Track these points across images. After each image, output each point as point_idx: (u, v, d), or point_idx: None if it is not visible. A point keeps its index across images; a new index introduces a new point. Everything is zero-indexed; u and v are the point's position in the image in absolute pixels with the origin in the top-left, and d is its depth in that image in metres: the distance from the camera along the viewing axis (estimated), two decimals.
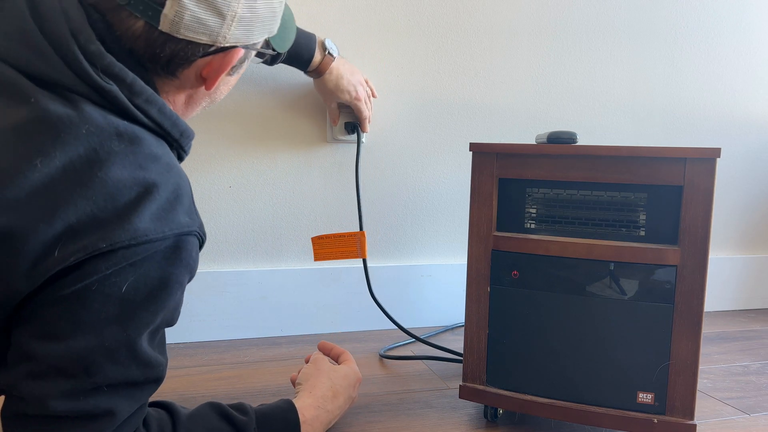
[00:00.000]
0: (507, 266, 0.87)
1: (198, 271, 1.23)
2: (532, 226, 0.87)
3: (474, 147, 0.88)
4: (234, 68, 0.70)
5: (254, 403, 0.95)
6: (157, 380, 0.63)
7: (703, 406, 0.99)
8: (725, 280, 1.58)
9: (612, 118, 1.45)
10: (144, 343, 0.60)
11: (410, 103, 1.32)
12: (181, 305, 0.65)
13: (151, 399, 0.68)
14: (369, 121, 1.25)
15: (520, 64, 1.38)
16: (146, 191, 0.57)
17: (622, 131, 1.46)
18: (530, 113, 1.40)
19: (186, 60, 0.64)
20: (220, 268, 1.25)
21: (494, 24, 1.35)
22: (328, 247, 1.20)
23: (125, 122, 0.60)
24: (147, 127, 0.62)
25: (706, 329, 1.42)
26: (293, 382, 0.88)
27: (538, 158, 0.85)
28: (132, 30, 0.60)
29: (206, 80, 0.67)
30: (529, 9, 1.37)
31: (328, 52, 1.14)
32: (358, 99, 1.19)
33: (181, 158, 0.71)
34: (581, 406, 0.84)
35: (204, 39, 0.62)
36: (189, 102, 0.71)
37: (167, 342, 1.22)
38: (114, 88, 0.59)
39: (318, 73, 1.15)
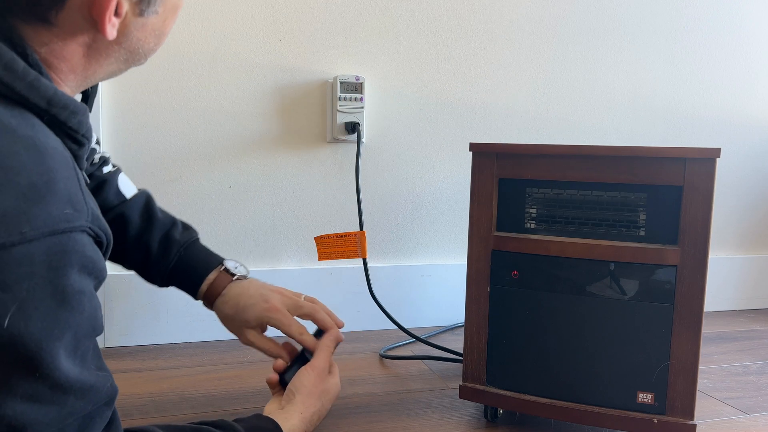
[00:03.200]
0: (507, 266, 0.87)
1: None
2: (532, 226, 0.87)
3: (474, 147, 0.88)
4: (144, 7, 0.55)
5: (254, 403, 0.96)
6: (110, 400, 0.53)
7: (703, 406, 0.99)
8: (725, 280, 1.58)
9: (612, 118, 1.45)
10: (71, 371, 0.48)
11: (410, 103, 1.32)
12: (99, 309, 0.52)
13: (136, 426, 0.62)
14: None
15: (520, 64, 1.38)
16: None
17: (622, 131, 1.46)
18: (530, 113, 1.40)
19: (54, 1, 0.49)
20: None
21: (494, 24, 1.35)
22: (330, 246, 1.20)
23: None
24: None
25: (706, 329, 1.42)
26: (271, 384, 0.80)
27: (538, 158, 0.85)
28: None
29: (98, 23, 0.52)
30: (529, 9, 1.37)
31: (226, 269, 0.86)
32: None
33: (76, 141, 0.54)
34: (581, 406, 0.84)
35: None
36: (90, 55, 0.55)
37: (168, 342, 1.22)
38: None
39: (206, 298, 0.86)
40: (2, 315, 0.43)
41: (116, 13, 0.52)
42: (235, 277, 0.84)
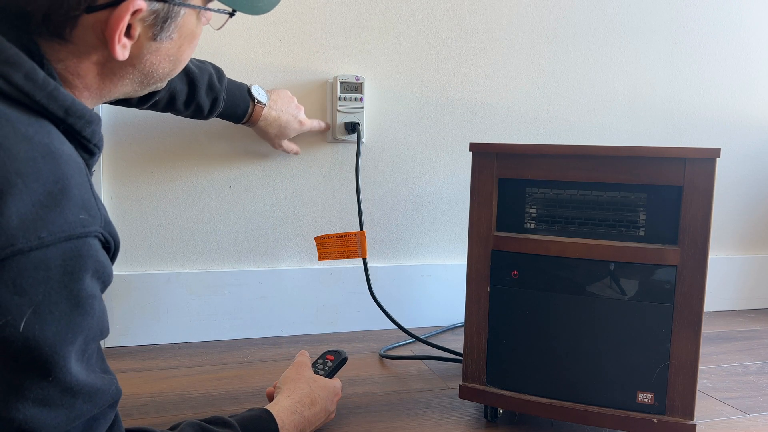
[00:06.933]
0: (507, 266, 0.87)
1: (198, 271, 1.23)
2: (532, 226, 0.87)
3: (474, 147, 0.88)
4: (156, 31, 0.56)
5: (254, 403, 0.96)
6: (113, 403, 0.54)
7: (703, 406, 0.99)
8: (725, 280, 1.58)
9: (612, 118, 1.45)
10: (80, 374, 0.49)
11: (410, 103, 1.32)
12: (106, 312, 0.54)
13: (134, 425, 0.64)
14: (323, 125, 1.25)
15: (520, 64, 1.38)
16: (7, 182, 0.44)
17: (622, 131, 1.46)
18: (530, 113, 1.40)
19: (67, 16, 0.51)
20: (220, 268, 1.25)
21: (494, 24, 1.35)
22: (330, 246, 1.21)
23: None
24: (13, 98, 0.49)
25: (706, 329, 1.42)
26: (269, 397, 0.86)
27: (538, 158, 0.85)
28: None
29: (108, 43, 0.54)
30: (529, 9, 1.37)
31: (258, 102, 1.10)
32: (302, 125, 1.18)
33: (88, 150, 0.56)
34: (581, 406, 0.84)
35: None
36: (104, 74, 0.57)
37: (168, 342, 1.22)
38: None
39: (251, 123, 1.13)
40: (18, 319, 0.44)
41: (129, 35, 0.54)
42: (265, 105, 1.11)
